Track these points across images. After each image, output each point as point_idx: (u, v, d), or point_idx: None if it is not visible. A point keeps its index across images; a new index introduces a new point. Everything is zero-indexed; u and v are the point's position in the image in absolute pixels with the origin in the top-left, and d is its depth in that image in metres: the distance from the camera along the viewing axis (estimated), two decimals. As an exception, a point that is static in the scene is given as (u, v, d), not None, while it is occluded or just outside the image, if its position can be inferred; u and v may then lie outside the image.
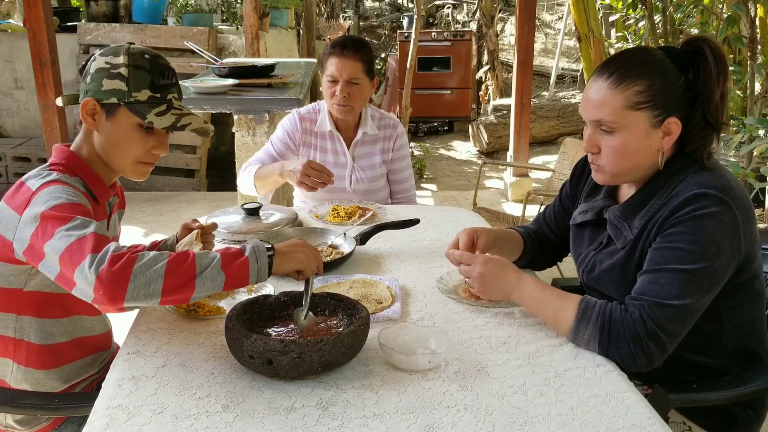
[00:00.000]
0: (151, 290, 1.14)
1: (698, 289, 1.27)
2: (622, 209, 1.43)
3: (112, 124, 1.43)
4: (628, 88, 1.32)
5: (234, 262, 1.21)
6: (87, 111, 1.41)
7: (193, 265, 1.17)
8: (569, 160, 3.59)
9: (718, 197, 1.28)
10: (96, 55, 1.44)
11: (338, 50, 2.28)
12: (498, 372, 1.23)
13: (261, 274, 1.24)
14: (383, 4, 11.89)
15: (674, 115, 1.32)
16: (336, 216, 2.14)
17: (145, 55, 1.43)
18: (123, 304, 1.14)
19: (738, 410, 1.46)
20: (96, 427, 1.07)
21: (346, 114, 2.36)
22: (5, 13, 7.14)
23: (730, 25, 3.57)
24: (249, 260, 1.22)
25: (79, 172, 1.44)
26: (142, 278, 1.13)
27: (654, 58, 1.34)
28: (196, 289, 1.17)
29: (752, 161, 3.63)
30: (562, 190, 1.71)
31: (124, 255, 1.15)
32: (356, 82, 2.30)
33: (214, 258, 1.20)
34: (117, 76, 1.40)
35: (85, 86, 1.43)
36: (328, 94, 2.33)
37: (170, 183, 5.67)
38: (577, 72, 8.98)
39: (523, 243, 1.70)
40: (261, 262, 1.23)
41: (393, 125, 2.50)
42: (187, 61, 5.46)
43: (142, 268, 1.14)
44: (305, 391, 1.17)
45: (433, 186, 6.23)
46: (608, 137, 1.35)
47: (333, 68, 2.29)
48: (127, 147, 1.45)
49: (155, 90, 1.43)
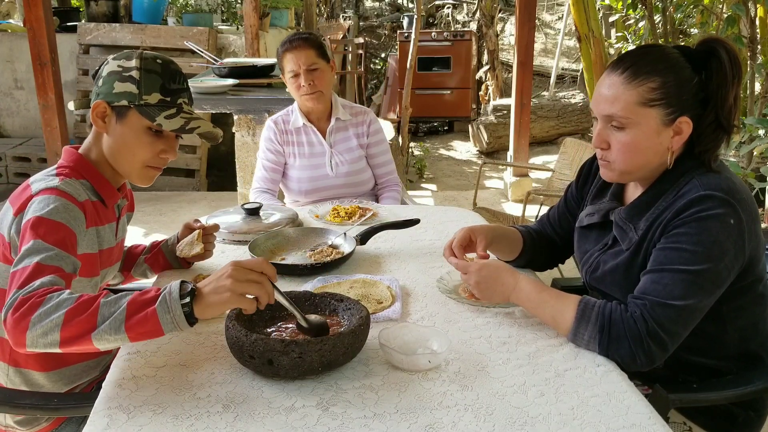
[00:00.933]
0: (49, 340, 1.09)
1: (701, 290, 1.27)
2: (627, 211, 1.42)
3: (122, 127, 1.43)
4: (641, 84, 1.31)
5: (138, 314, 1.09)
6: (97, 113, 1.42)
7: (93, 316, 1.08)
8: (569, 160, 3.59)
9: (723, 199, 1.28)
10: (109, 59, 1.45)
11: (288, 45, 2.42)
12: (498, 372, 1.23)
13: (177, 323, 1.10)
14: (383, 4, 11.88)
15: (686, 115, 1.32)
16: (336, 216, 2.14)
17: (157, 59, 1.45)
18: (26, 350, 1.10)
19: (738, 410, 1.46)
20: (96, 427, 1.07)
21: (317, 101, 2.45)
22: (5, 13, 7.14)
23: (730, 25, 3.57)
24: (157, 311, 1.09)
25: (86, 175, 1.44)
26: (39, 328, 1.08)
27: (669, 57, 1.33)
28: (95, 342, 1.09)
29: (752, 161, 3.63)
30: (567, 192, 1.70)
31: (30, 299, 1.10)
32: (315, 68, 2.41)
33: (119, 308, 1.09)
34: (128, 79, 1.41)
35: (97, 89, 1.44)
36: (295, 89, 2.45)
37: (170, 183, 5.67)
38: (577, 72, 8.97)
39: (523, 242, 1.68)
40: (173, 312, 1.10)
41: (364, 111, 2.62)
42: (187, 61, 5.45)
43: (40, 317, 1.08)
44: (305, 391, 1.17)
45: (433, 186, 6.23)
46: (619, 133, 1.35)
47: (290, 63, 2.41)
48: (135, 150, 1.45)
49: (166, 94, 1.44)
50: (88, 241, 1.40)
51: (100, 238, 1.46)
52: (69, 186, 1.36)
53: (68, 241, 1.27)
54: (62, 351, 1.11)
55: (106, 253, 1.50)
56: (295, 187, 2.53)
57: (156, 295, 1.11)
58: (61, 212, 1.29)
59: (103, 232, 1.47)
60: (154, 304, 1.10)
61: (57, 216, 1.28)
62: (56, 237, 1.25)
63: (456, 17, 10.50)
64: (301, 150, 2.52)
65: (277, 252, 1.84)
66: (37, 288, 1.13)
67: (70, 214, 1.31)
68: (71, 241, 1.29)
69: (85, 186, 1.43)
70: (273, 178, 2.52)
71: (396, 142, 5.65)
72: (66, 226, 1.29)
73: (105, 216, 1.48)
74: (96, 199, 1.45)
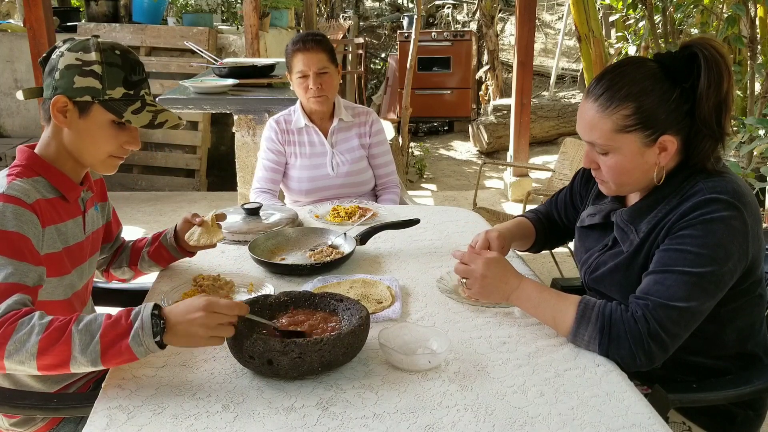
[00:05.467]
0: (26, 368, 1.13)
1: (704, 292, 1.27)
2: (629, 213, 1.42)
3: (85, 122, 1.39)
4: (615, 112, 1.30)
5: (113, 347, 1.14)
6: (58, 108, 1.37)
7: (67, 345, 1.12)
8: (569, 160, 3.59)
9: (729, 202, 1.27)
10: (63, 50, 1.39)
11: (300, 46, 2.41)
12: (498, 372, 1.23)
13: (150, 351, 1.16)
14: (383, 4, 11.88)
15: (668, 133, 1.30)
16: (336, 216, 2.14)
17: (115, 50, 1.40)
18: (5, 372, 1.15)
19: (738, 410, 1.46)
20: (96, 427, 1.07)
21: (322, 104, 2.47)
22: (5, 13, 7.14)
23: (730, 25, 3.57)
24: (131, 346, 1.14)
25: (41, 171, 1.40)
26: (16, 356, 1.12)
27: (644, 76, 1.30)
28: (72, 369, 1.14)
29: (752, 161, 3.62)
30: (573, 181, 1.73)
31: (2, 324, 1.12)
32: (325, 72, 2.42)
33: (93, 338, 1.14)
34: (90, 74, 1.37)
35: (54, 82, 1.38)
36: (302, 90, 2.44)
37: (170, 183, 5.67)
38: (577, 72, 8.98)
39: (535, 232, 1.76)
40: (146, 345, 1.15)
41: (366, 112, 2.63)
42: (187, 61, 5.46)
43: (15, 346, 1.11)
44: (305, 391, 1.17)
45: (433, 186, 6.23)
46: (604, 157, 1.36)
47: (301, 64, 2.40)
48: (100, 143, 1.42)
49: (129, 87, 1.40)
50: (48, 241, 1.36)
51: (62, 235, 1.42)
52: (17, 189, 1.32)
53: (25, 249, 1.26)
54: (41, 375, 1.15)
55: (75, 248, 1.46)
56: (296, 187, 2.53)
57: (128, 327, 1.15)
58: (11, 219, 1.26)
59: (65, 228, 1.43)
60: (127, 337, 1.15)
61: (7, 225, 1.25)
62: (11, 248, 1.23)
63: (456, 17, 10.50)
64: (303, 150, 2.53)
65: (277, 252, 1.84)
66: (4, 313, 1.14)
67: (21, 219, 1.28)
68: (28, 247, 1.27)
69: (40, 183, 1.39)
70: (273, 178, 2.53)
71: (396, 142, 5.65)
72: (18, 234, 1.26)
73: (66, 211, 1.44)
74: (53, 196, 1.41)
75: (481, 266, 1.41)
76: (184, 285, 1.60)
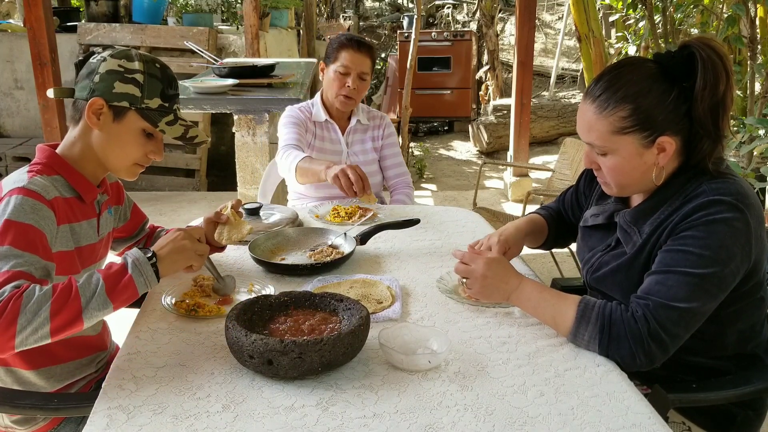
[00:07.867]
0: (40, 335, 1.16)
1: (705, 293, 1.26)
2: (632, 214, 1.42)
3: (118, 126, 1.43)
4: (612, 114, 1.30)
5: (118, 284, 1.24)
6: (93, 110, 1.41)
7: (77, 300, 1.18)
8: (569, 160, 3.59)
9: (732, 204, 1.27)
10: (105, 56, 1.43)
11: (354, 45, 2.43)
12: (498, 372, 1.23)
13: (149, 283, 1.28)
14: (383, 4, 11.89)
15: (666, 134, 1.30)
16: (336, 216, 2.14)
17: (156, 64, 1.46)
18: (14, 351, 1.16)
19: (738, 410, 1.46)
20: (96, 427, 1.07)
21: (348, 106, 2.50)
22: (5, 13, 7.14)
23: (730, 25, 3.57)
24: (133, 276, 1.25)
25: (60, 171, 1.43)
26: (29, 327, 1.14)
27: (642, 77, 1.30)
28: (85, 322, 1.20)
29: (752, 161, 3.62)
30: (579, 180, 1.73)
31: (8, 303, 1.14)
32: (364, 78, 2.47)
33: (97, 285, 1.22)
34: (131, 81, 1.42)
35: (92, 84, 1.41)
36: (337, 85, 2.45)
37: (170, 183, 5.67)
38: (577, 72, 8.98)
39: (548, 227, 1.76)
40: (146, 274, 1.27)
41: (380, 116, 2.68)
42: (187, 61, 5.46)
43: (27, 316, 1.14)
44: (305, 391, 1.17)
45: (433, 186, 6.23)
46: (603, 158, 1.36)
47: (347, 60, 2.42)
48: (128, 149, 1.46)
49: (165, 99, 1.46)
50: (62, 239, 1.38)
51: (76, 235, 1.44)
52: (37, 184, 1.34)
53: (38, 243, 1.28)
54: (52, 341, 1.18)
55: (87, 250, 1.48)
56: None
57: (124, 265, 1.27)
58: (29, 213, 1.29)
59: (79, 228, 1.45)
60: (128, 271, 1.25)
61: (25, 218, 1.28)
62: (26, 240, 1.25)
63: (456, 17, 10.50)
64: (320, 144, 2.54)
65: (277, 252, 1.84)
66: (5, 293, 1.15)
67: (39, 214, 1.30)
68: (42, 242, 1.29)
69: (59, 182, 1.41)
70: (300, 138, 2.45)
71: (396, 142, 5.64)
72: (34, 228, 1.28)
73: (82, 212, 1.46)
74: (71, 195, 1.43)
75: (482, 266, 1.41)
76: (185, 285, 1.60)
